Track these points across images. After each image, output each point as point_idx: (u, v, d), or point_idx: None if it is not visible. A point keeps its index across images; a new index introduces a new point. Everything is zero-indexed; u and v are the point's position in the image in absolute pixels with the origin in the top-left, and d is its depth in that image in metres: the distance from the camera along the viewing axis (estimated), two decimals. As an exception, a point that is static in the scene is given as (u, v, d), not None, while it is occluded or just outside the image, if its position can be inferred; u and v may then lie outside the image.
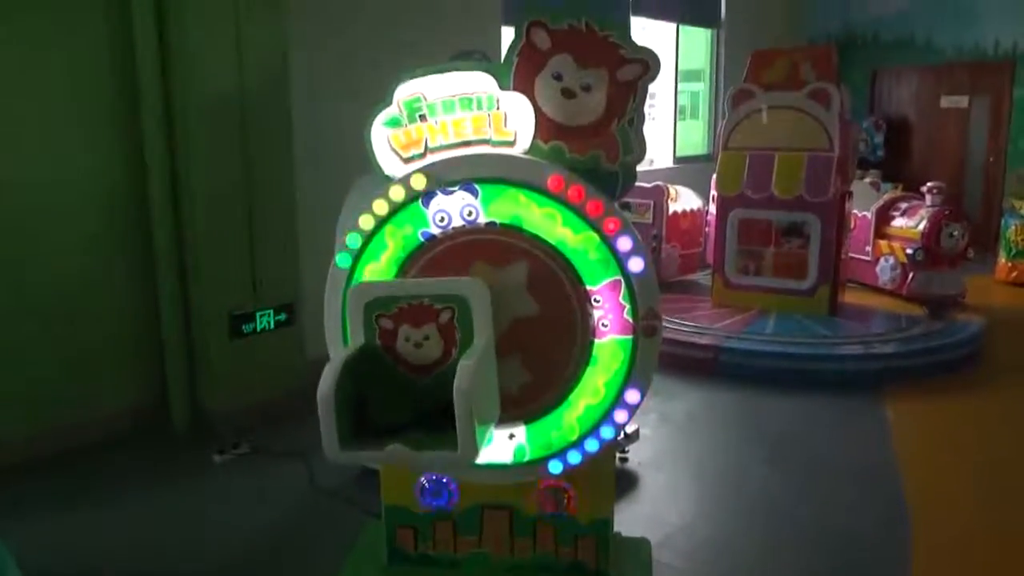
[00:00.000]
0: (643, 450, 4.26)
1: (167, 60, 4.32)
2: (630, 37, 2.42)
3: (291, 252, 4.76)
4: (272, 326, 4.65)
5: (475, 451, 2.14)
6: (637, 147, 2.46)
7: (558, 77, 2.43)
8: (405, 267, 2.47)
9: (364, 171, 3.70)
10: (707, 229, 7.98)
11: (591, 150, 2.45)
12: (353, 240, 2.48)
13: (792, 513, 3.70)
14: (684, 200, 7.81)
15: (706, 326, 6.05)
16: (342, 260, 2.50)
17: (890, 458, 4.27)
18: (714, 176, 7.30)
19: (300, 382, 4.88)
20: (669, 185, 7.67)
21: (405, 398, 2.35)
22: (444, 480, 2.70)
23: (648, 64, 2.41)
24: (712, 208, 7.66)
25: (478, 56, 4.00)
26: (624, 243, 2.37)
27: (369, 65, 5.39)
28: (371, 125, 2.48)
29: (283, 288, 4.71)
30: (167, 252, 4.44)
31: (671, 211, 7.56)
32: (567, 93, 2.43)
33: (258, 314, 4.58)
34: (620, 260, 2.38)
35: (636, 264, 2.38)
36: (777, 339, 5.76)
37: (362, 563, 2.86)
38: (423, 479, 2.72)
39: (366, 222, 2.46)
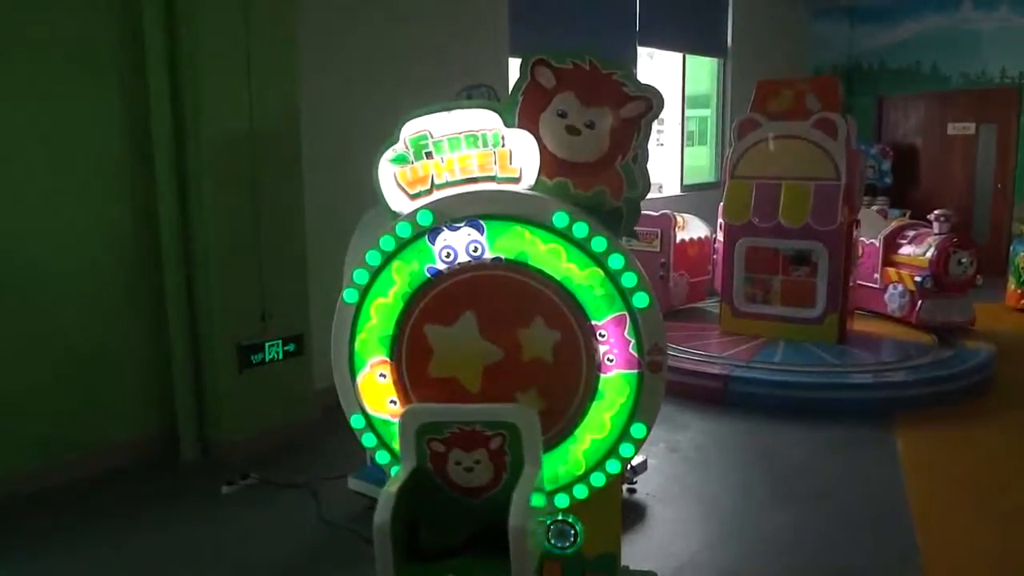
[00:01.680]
0: (651, 481, 4.25)
1: (179, 101, 4.40)
2: (634, 75, 2.45)
3: (300, 283, 4.80)
4: (281, 356, 4.67)
5: None
6: (641, 183, 2.49)
7: (562, 115, 2.46)
8: (412, 302, 2.49)
9: (373, 205, 3.77)
10: (715, 257, 7.98)
11: (595, 186, 2.48)
12: (360, 276, 2.50)
13: (800, 547, 3.68)
14: (691, 228, 7.82)
15: (715, 354, 6.04)
16: (349, 296, 2.52)
17: (899, 490, 4.24)
18: (721, 204, 7.33)
19: (309, 413, 4.91)
20: (676, 213, 7.69)
21: (456, 520, 2.38)
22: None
23: (651, 102, 2.44)
24: (720, 236, 7.68)
25: (485, 90, 4.05)
26: (629, 279, 2.38)
27: (377, 101, 5.47)
28: (378, 162, 2.51)
29: (292, 319, 4.75)
30: (176, 284, 4.48)
31: (679, 239, 7.57)
32: (571, 130, 2.46)
33: (267, 345, 4.61)
34: (625, 295, 2.39)
35: (641, 299, 2.39)
36: (786, 368, 5.75)
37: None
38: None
39: (373, 258, 2.48)
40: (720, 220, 7.66)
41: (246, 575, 3.48)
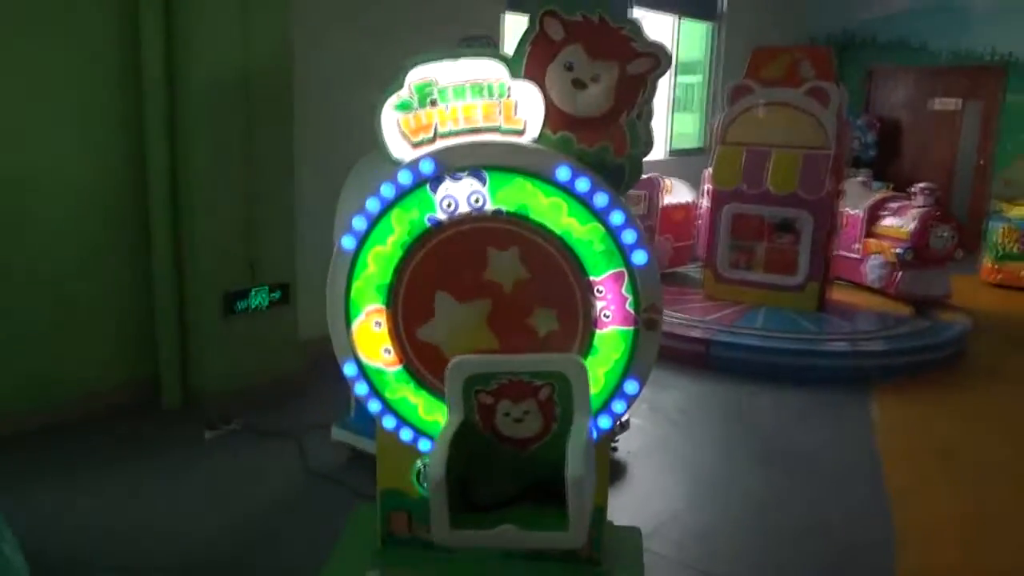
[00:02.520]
0: (633, 440, 4.30)
1: (171, 47, 4.31)
2: (642, 31, 2.43)
3: (288, 232, 4.76)
4: (266, 304, 4.65)
5: (586, 532, 2.19)
6: (644, 141, 2.48)
7: (569, 67, 2.43)
8: (411, 251, 2.47)
9: (364, 153, 3.74)
10: (699, 222, 8.01)
11: (599, 142, 2.46)
12: (359, 223, 2.48)
13: (778, 506, 3.75)
14: (678, 193, 7.84)
15: (697, 318, 6.09)
16: (347, 242, 2.50)
17: (874, 454, 4.34)
18: (707, 170, 7.34)
19: (294, 363, 4.90)
20: (663, 177, 7.69)
21: (506, 473, 2.37)
22: (440, 464, 2.71)
23: (659, 58, 2.42)
24: (704, 202, 7.70)
25: (485, 41, 4.00)
26: (629, 236, 2.38)
27: (372, 49, 5.40)
28: (381, 108, 2.47)
29: (279, 268, 4.71)
30: (164, 229, 4.43)
31: (664, 203, 7.59)
32: (578, 84, 2.44)
33: (252, 291, 4.58)
34: (624, 252, 2.39)
35: (640, 257, 2.39)
36: (767, 333, 5.81)
37: (352, 547, 2.87)
38: (420, 463, 2.73)
39: (372, 205, 2.46)
40: (706, 186, 7.69)
41: (228, 521, 3.48)
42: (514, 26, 6.89)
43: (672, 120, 9.71)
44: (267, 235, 4.63)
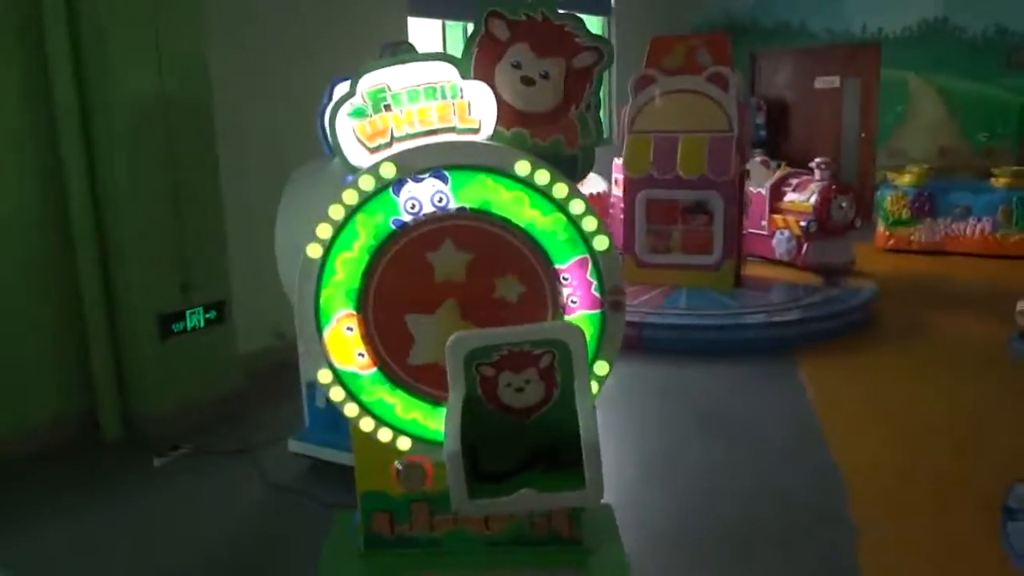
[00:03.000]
0: (582, 425, 4.42)
1: (83, 65, 4.20)
2: (584, 26, 2.54)
3: (220, 250, 4.69)
4: (203, 324, 4.57)
5: (602, 491, 2.25)
6: (595, 131, 2.59)
7: (517, 65, 2.52)
8: (378, 254, 2.51)
9: (294, 164, 3.75)
10: (611, 211, 8.22)
11: (552, 136, 2.55)
12: (324, 230, 2.50)
13: (729, 473, 3.94)
14: (590, 183, 8.01)
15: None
16: (313, 250, 2.52)
17: (810, 415, 4.59)
18: (616, 160, 7.55)
19: (235, 380, 4.84)
20: (575, 169, 7.85)
21: (511, 442, 2.42)
22: (419, 462, 2.76)
23: (602, 52, 2.53)
24: (616, 190, 7.91)
25: (406, 47, 4.05)
26: (589, 223, 2.48)
27: (287, 63, 5.38)
28: (335, 116, 2.50)
29: (213, 286, 4.64)
30: (90, 257, 4.30)
31: (579, 195, 7.74)
32: (526, 81, 2.52)
33: (188, 313, 4.50)
34: (586, 239, 2.49)
35: (601, 243, 2.50)
36: (692, 312, 6.04)
37: (339, 552, 2.89)
38: (398, 463, 2.77)
39: (336, 212, 2.48)
40: (616, 175, 7.90)
41: (196, 549, 3.42)
42: (422, 31, 6.95)
43: (575, 114, 9.88)
44: (198, 255, 4.55)
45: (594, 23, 10.28)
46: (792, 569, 3.14)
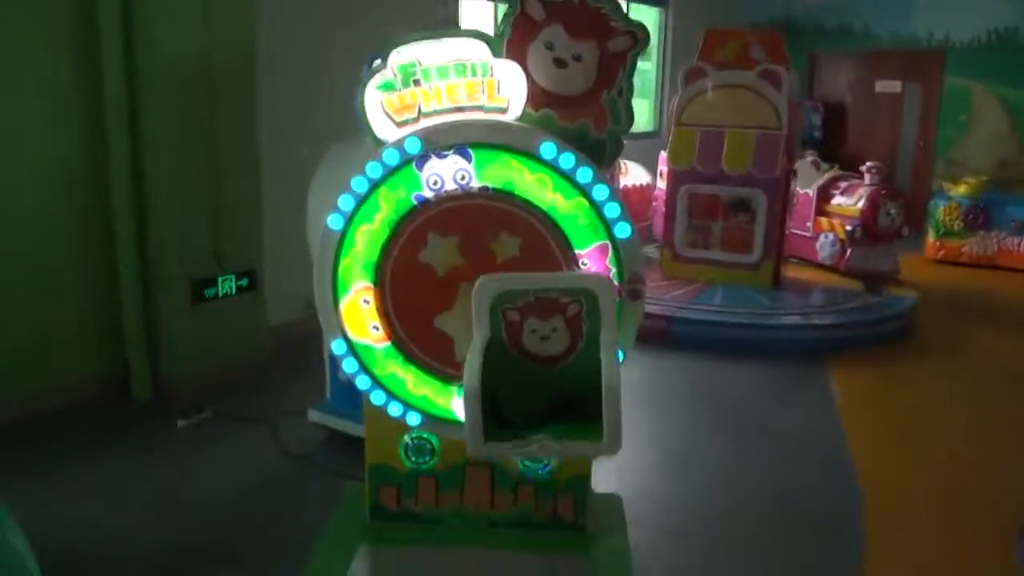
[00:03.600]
0: (603, 415, 4.39)
1: (130, 28, 4.24)
2: (620, 10, 2.50)
3: (254, 219, 4.74)
4: (234, 291, 4.63)
5: (620, 443, 2.25)
6: (625, 118, 2.55)
7: (550, 47, 2.49)
8: (398, 229, 2.51)
9: (330, 139, 3.75)
10: (654, 204, 8.15)
11: (580, 119, 2.53)
12: (346, 202, 2.51)
13: (746, 474, 3.89)
14: (634, 175, 7.96)
15: (657, 297, 6.21)
16: (334, 222, 2.53)
17: (834, 421, 4.51)
18: (663, 152, 7.47)
19: (263, 350, 4.90)
20: (620, 160, 7.80)
21: (534, 390, 2.40)
22: (428, 438, 2.77)
23: (637, 36, 2.49)
24: (660, 183, 7.83)
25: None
26: (612, 210, 2.46)
27: (331, 34, 5.39)
28: (364, 88, 2.51)
29: (246, 254, 4.70)
30: (127, 218, 4.37)
31: (622, 185, 7.70)
32: (559, 63, 2.50)
33: (220, 279, 4.56)
34: (608, 225, 2.47)
35: (623, 230, 2.47)
36: (726, 309, 5.97)
37: (344, 522, 2.91)
38: (407, 438, 2.78)
39: (359, 184, 2.49)
40: (660, 168, 7.82)
41: (210, 508, 3.48)
42: (470, 10, 6.93)
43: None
44: (233, 222, 4.61)
45: (651, 14, 10.15)
46: (795, 570, 3.09)
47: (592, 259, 2.49)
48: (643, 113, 10.52)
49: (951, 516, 3.56)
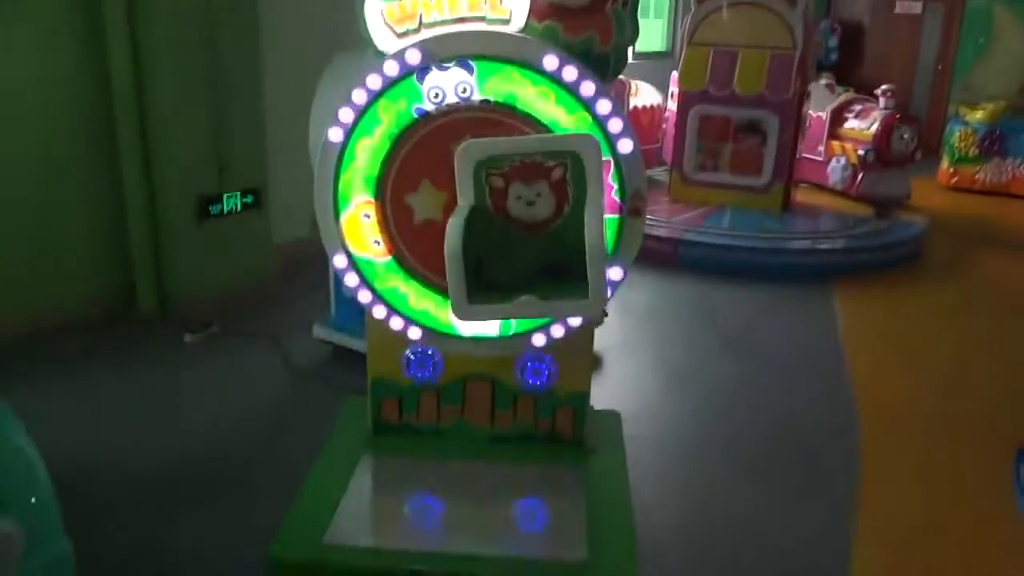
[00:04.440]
0: (606, 336, 4.41)
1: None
2: (625, -82, 2.42)
3: (258, 135, 4.70)
4: (239, 208, 4.62)
5: (605, 301, 2.22)
6: (630, 30, 2.50)
7: (554, -44, 2.43)
8: (399, 142, 2.48)
9: (332, 52, 3.68)
10: (664, 126, 8.04)
11: (584, 32, 2.47)
12: (345, 114, 2.48)
13: (746, 395, 3.93)
14: (644, 95, 7.83)
15: (665, 219, 6.18)
16: (334, 134, 2.50)
17: (837, 345, 4.52)
18: (674, 73, 7.33)
19: (269, 267, 4.92)
20: (630, 79, 7.66)
21: (519, 256, 2.37)
22: (429, 352, 2.80)
23: (644, -55, 2.42)
24: (671, 105, 7.71)
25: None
26: (615, 124, 2.42)
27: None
28: (364, -1, 2.45)
29: (250, 171, 4.67)
30: (131, 134, 4.33)
31: (631, 106, 7.58)
32: (563, -28, 2.44)
33: (225, 196, 4.54)
34: (611, 141, 2.43)
35: (626, 145, 2.44)
36: (733, 233, 5.94)
37: (346, 434, 2.96)
38: (409, 352, 2.80)
39: (359, 96, 2.46)
40: (672, 89, 7.69)
41: (217, 421, 3.54)
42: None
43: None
44: (237, 139, 4.56)
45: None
46: (789, 492, 3.14)
47: (594, 175, 2.47)
48: (656, 32, 10.31)
49: (949, 437, 3.59)
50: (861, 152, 7.10)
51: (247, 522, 2.80)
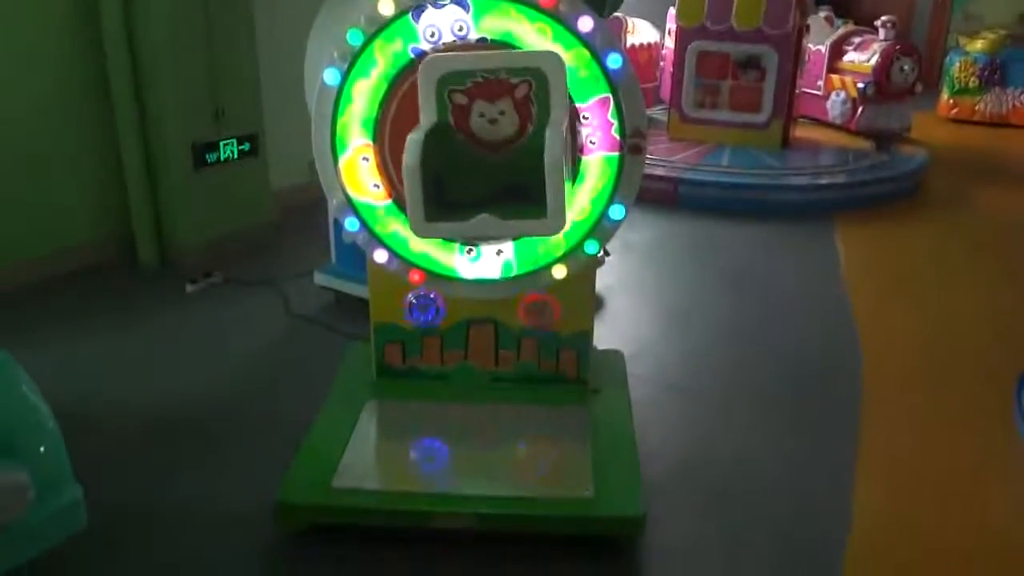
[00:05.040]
0: (608, 276, 4.41)
1: None
2: None
3: (253, 81, 4.63)
4: (236, 156, 4.58)
5: (564, 219, 2.20)
6: (627, -38, 2.44)
7: None
8: (396, 83, 2.45)
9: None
10: (662, 64, 7.93)
11: (581, -35, 2.42)
12: (342, 56, 2.44)
13: (749, 331, 3.93)
14: (641, 33, 7.71)
15: (664, 158, 6.14)
16: (330, 77, 2.47)
17: (839, 280, 4.53)
18: (671, 9, 7.22)
19: (267, 214, 4.89)
20: (626, 17, 7.54)
21: (480, 176, 2.34)
22: (432, 296, 2.80)
23: None
24: (668, 42, 7.60)
25: None
26: (614, 60, 2.39)
27: None
28: (357, -64, 2.39)
29: (246, 118, 4.61)
30: (124, 84, 4.25)
31: (628, 44, 7.47)
32: (559, -96, 2.37)
33: (221, 143, 4.50)
34: (610, 77, 2.40)
35: (626, 82, 2.41)
36: (733, 171, 5.90)
37: (351, 379, 2.99)
38: (411, 296, 2.81)
39: (354, 37, 2.42)
40: (669, 26, 7.57)
41: (221, 368, 3.54)
42: None
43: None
44: (232, 85, 4.50)
45: None
46: (794, 424, 3.17)
47: (593, 112, 2.44)
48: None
49: (950, 370, 3.61)
50: (860, 85, 7.01)
51: (253, 467, 2.81)
